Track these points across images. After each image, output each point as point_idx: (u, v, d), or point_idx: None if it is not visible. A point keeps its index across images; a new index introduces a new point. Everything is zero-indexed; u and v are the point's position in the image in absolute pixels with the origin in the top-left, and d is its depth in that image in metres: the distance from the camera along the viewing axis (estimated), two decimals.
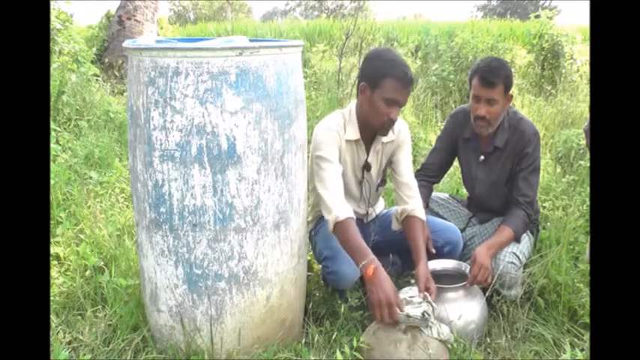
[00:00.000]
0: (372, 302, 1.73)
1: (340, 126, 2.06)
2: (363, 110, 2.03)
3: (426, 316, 1.69)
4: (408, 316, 1.68)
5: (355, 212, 2.23)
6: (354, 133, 2.07)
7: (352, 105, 2.10)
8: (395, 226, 2.15)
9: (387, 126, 2.00)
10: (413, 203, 2.09)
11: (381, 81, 1.93)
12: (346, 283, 2.02)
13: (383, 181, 2.26)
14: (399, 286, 2.32)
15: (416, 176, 2.41)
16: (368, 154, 2.13)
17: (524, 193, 2.21)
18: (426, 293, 1.81)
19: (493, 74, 2.12)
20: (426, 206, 2.31)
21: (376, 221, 2.29)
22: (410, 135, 2.21)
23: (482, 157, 2.31)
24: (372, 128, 2.04)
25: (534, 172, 2.24)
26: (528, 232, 2.24)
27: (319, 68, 7.36)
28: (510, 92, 2.19)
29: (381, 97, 1.94)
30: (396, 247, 2.20)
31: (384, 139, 2.10)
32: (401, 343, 1.65)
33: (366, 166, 2.14)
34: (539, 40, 6.70)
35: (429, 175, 2.41)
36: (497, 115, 2.17)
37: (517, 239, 2.16)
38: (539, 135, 2.26)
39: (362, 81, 2.01)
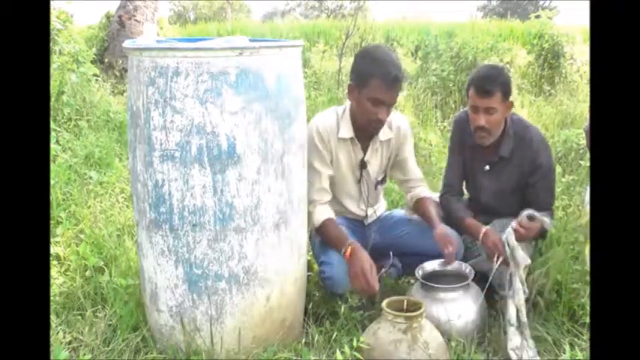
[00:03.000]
0: (350, 276, 1.87)
1: (332, 123, 2.06)
2: (353, 110, 2.04)
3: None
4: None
5: (355, 214, 2.23)
6: (347, 131, 2.07)
7: (348, 103, 2.10)
8: (409, 214, 2.24)
9: (374, 125, 2.00)
10: (419, 188, 2.20)
11: (367, 81, 1.93)
12: (342, 289, 2.01)
13: (383, 180, 2.26)
14: (401, 288, 2.34)
15: (444, 198, 2.36)
16: (365, 153, 2.12)
17: (545, 201, 2.21)
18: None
19: (488, 83, 2.07)
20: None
21: (377, 223, 2.28)
22: (410, 130, 2.24)
23: (487, 167, 2.27)
24: (362, 128, 2.04)
25: (552, 179, 2.25)
26: None
27: (319, 68, 7.37)
28: (510, 99, 2.15)
29: (367, 96, 1.94)
30: (396, 249, 2.20)
31: (381, 137, 2.10)
32: (401, 343, 1.65)
33: (363, 165, 2.14)
34: (539, 41, 6.71)
35: (454, 193, 2.37)
36: (497, 124, 2.14)
37: (544, 235, 2.19)
38: (547, 142, 2.24)
39: (350, 80, 2.01)
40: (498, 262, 1.96)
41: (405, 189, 2.26)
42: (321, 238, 2.05)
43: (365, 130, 2.05)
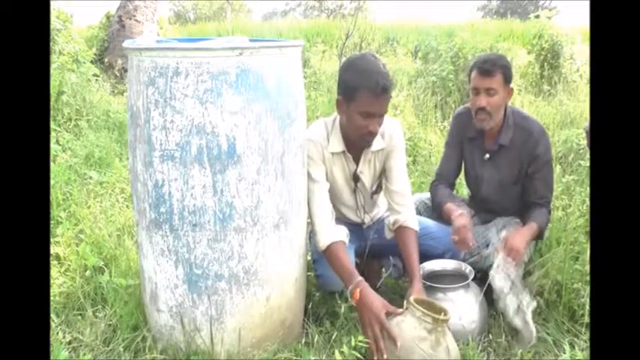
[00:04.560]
0: (362, 324, 1.74)
1: (323, 137, 2.01)
2: (343, 124, 1.98)
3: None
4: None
5: (352, 220, 2.22)
6: (338, 145, 2.01)
7: (337, 115, 2.04)
8: (388, 234, 2.12)
9: (367, 138, 1.93)
10: (405, 213, 2.05)
11: (355, 94, 1.85)
12: (335, 286, 2.01)
13: (379, 188, 2.22)
14: (400, 288, 2.34)
15: (433, 185, 2.40)
16: (358, 164, 2.08)
17: (543, 195, 2.22)
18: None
19: (490, 63, 2.14)
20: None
21: (376, 224, 2.28)
22: (403, 139, 2.14)
23: (487, 156, 2.28)
24: (354, 141, 1.98)
25: (549, 171, 2.24)
26: None
27: (319, 68, 7.37)
28: (511, 86, 2.19)
29: (356, 110, 1.87)
30: (397, 250, 2.19)
31: (373, 147, 2.03)
32: (424, 341, 1.63)
33: (356, 178, 2.10)
34: (539, 41, 6.70)
35: (444, 183, 2.38)
36: (497, 107, 2.16)
37: (541, 236, 2.19)
38: (547, 134, 2.25)
39: (338, 94, 1.94)
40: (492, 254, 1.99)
41: (390, 202, 2.10)
42: (328, 262, 1.91)
43: (357, 143, 2.00)
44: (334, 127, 2.03)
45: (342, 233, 1.94)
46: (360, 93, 1.84)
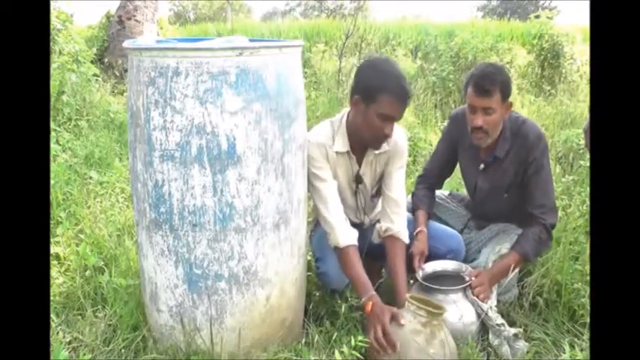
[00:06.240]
0: (366, 328, 1.76)
1: (328, 137, 2.00)
2: (356, 123, 1.95)
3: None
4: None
5: (352, 220, 2.21)
6: (342, 144, 2.00)
7: (343, 115, 2.03)
8: (376, 239, 2.12)
9: (380, 140, 1.93)
10: (399, 223, 2.04)
11: (377, 96, 1.83)
12: (337, 284, 2.01)
13: (378, 191, 2.19)
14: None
15: (417, 182, 2.39)
16: (360, 166, 2.07)
17: (540, 203, 2.11)
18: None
19: (488, 81, 1.99)
20: (429, 216, 2.28)
21: (375, 225, 2.27)
22: (407, 149, 2.13)
23: (482, 166, 2.22)
24: (365, 142, 1.97)
25: (547, 177, 2.13)
26: None
27: (319, 68, 7.38)
28: (510, 100, 2.08)
29: (375, 112, 1.85)
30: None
31: (376, 150, 2.03)
32: (419, 335, 1.66)
33: (357, 179, 2.09)
34: (539, 41, 6.71)
35: (429, 181, 2.37)
36: (495, 125, 2.06)
37: (528, 260, 2.11)
38: (544, 137, 2.14)
39: (356, 94, 1.91)
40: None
41: (385, 207, 2.09)
42: (340, 262, 1.93)
43: (368, 144, 1.99)
44: (340, 127, 2.02)
45: (355, 236, 1.94)
46: (384, 95, 1.83)
